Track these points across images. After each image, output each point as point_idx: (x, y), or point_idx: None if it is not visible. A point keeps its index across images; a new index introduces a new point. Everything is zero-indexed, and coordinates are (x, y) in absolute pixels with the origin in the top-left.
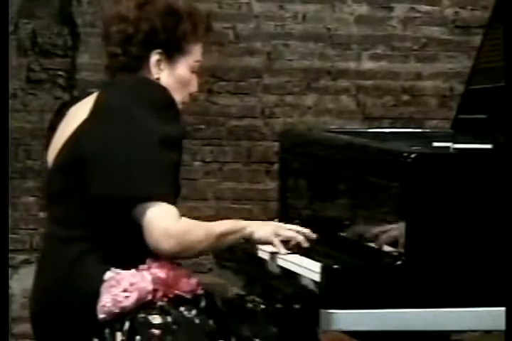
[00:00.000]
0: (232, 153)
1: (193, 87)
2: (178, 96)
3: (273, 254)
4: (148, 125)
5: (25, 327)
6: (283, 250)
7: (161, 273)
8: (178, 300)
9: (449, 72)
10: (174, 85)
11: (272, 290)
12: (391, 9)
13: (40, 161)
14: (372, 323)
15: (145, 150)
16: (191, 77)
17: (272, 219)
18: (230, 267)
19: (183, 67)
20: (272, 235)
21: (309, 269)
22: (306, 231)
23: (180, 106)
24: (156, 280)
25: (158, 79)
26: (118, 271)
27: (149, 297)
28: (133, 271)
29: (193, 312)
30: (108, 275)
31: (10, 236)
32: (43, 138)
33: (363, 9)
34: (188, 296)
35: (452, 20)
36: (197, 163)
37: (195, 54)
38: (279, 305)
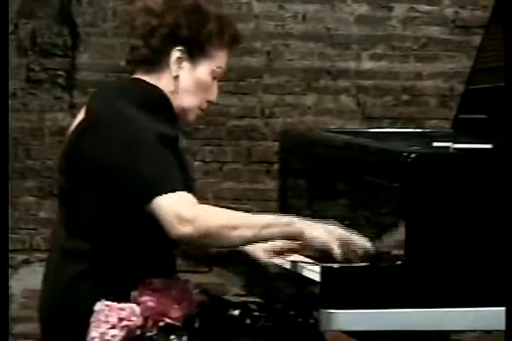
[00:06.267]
0: (232, 153)
1: (212, 95)
2: (195, 100)
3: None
4: (141, 122)
5: (25, 327)
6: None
7: (151, 302)
8: (168, 328)
9: (449, 72)
10: (192, 87)
11: (272, 290)
12: (391, 9)
13: (40, 161)
14: (372, 323)
15: (144, 146)
16: (212, 83)
17: None
18: (230, 267)
19: (204, 71)
20: (328, 237)
21: (309, 269)
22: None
23: (196, 112)
24: (145, 309)
25: (177, 77)
26: (108, 302)
27: (138, 332)
28: (122, 304)
29: (184, 338)
30: (98, 306)
31: (10, 236)
32: (42, 138)
33: (363, 9)
34: (179, 323)
35: (452, 20)
36: (197, 163)
37: (219, 60)
38: (279, 313)
